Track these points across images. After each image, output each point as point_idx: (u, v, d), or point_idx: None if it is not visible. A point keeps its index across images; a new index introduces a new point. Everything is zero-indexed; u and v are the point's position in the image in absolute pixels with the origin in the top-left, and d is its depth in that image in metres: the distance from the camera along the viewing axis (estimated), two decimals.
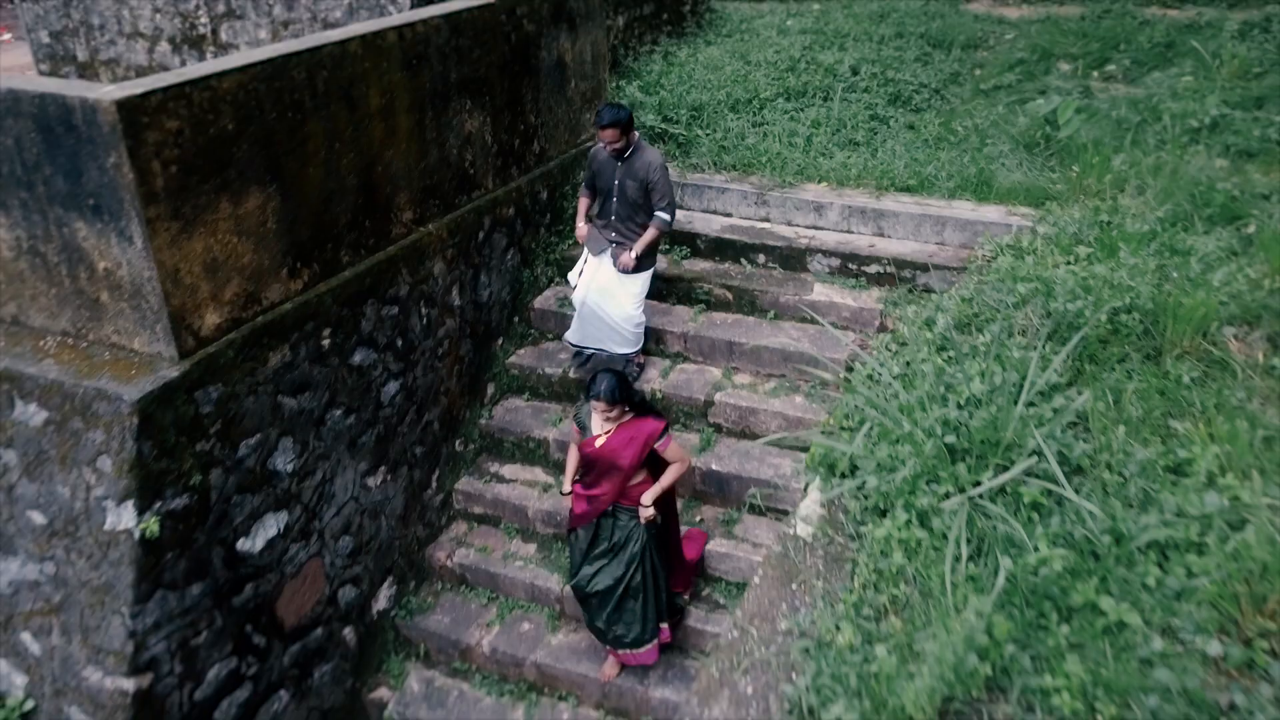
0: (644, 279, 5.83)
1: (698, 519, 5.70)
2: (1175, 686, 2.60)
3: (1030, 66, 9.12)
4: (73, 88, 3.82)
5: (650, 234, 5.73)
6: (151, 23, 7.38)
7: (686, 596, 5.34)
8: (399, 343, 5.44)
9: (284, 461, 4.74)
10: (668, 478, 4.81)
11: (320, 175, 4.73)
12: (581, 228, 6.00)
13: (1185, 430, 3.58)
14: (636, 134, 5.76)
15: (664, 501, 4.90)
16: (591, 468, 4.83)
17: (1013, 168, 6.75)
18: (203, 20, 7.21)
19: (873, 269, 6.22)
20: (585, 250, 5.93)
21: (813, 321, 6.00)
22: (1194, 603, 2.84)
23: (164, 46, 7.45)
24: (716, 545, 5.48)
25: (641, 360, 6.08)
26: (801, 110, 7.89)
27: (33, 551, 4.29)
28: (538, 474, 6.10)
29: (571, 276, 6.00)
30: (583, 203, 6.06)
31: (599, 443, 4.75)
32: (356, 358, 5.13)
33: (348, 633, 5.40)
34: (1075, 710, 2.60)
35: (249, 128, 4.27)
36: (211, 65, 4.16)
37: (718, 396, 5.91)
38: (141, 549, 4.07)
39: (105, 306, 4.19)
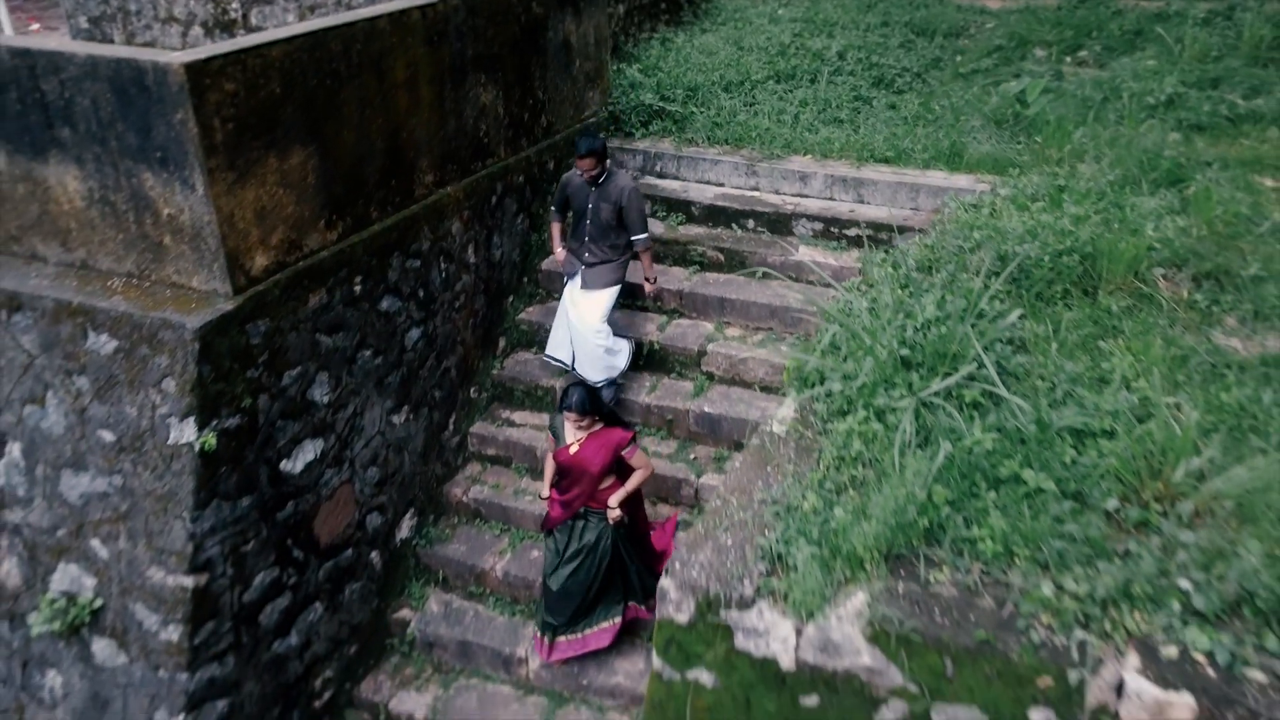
0: (610, 294, 6.19)
1: (692, 457, 6.26)
2: (1080, 536, 3.16)
3: (1008, 53, 9.66)
4: (145, 53, 4.37)
5: (646, 259, 6.24)
6: (185, 8, 7.93)
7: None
8: (421, 293, 6.00)
9: (321, 393, 5.30)
10: (633, 482, 5.30)
11: (353, 138, 5.29)
12: (559, 251, 6.43)
13: (1110, 349, 4.15)
14: (609, 161, 6.19)
15: (631, 502, 5.40)
16: (565, 474, 5.32)
17: (983, 141, 7.31)
18: (234, 5, 7.76)
19: (852, 232, 6.78)
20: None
21: (796, 279, 6.55)
22: (1101, 475, 3.40)
23: (197, 31, 8.01)
24: (709, 479, 6.03)
25: (618, 382, 6.41)
26: (790, 91, 8.45)
27: (102, 466, 4.85)
28: (544, 419, 6.65)
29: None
30: (555, 227, 6.50)
31: (572, 450, 5.24)
32: (384, 304, 5.69)
33: (374, 556, 5.96)
34: (996, 553, 3.16)
35: (293, 92, 4.82)
36: (262, 36, 4.72)
37: (710, 347, 6.47)
38: (200, 461, 4.63)
39: (167, 249, 4.74)
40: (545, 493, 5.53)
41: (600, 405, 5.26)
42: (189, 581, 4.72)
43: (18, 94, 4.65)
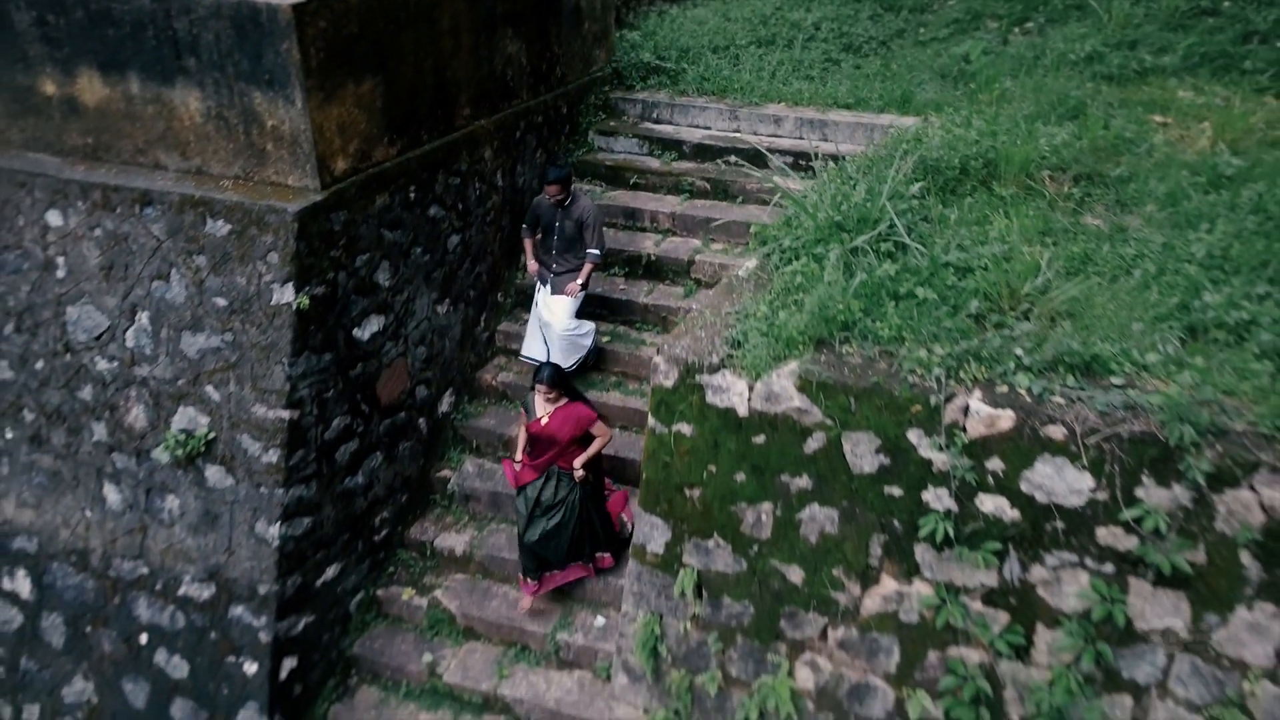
0: (576, 298, 7.22)
1: None
2: (951, 327, 4.47)
3: (964, 24, 10.95)
4: None
5: (587, 268, 7.14)
6: None
7: (628, 522, 6.69)
8: (459, 206, 7.30)
9: (383, 277, 6.61)
10: (594, 447, 6.22)
11: (410, 73, 6.59)
12: (532, 264, 7.41)
13: (995, 219, 5.45)
14: (574, 186, 7.26)
15: (594, 467, 6.34)
16: (536, 442, 6.23)
17: (930, 91, 8.63)
18: None
19: (817, 164, 8.06)
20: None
21: (769, 203, 7.84)
22: (973, 293, 4.71)
23: None
24: None
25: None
26: (769, 54, 9.77)
27: (216, 326, 6.16)
28: None
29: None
30: (528, 243, 7.43)
31: (543, 422, 6.16)
32: (431, 211, 7.00)
33: (421, 422, 7.27)
34: (891, 337, 4.47)
35: (366, 33, 6.12)
36: None
37: (697, 258, 7.78)
38: (296, 318, 5.94)
39: (269, 154, 6.05)
40: (518, 456, 6.42)
41: (566, 382, 6.23)
42: (286, 415, 6.03)
43: (153, 31, 5.95)
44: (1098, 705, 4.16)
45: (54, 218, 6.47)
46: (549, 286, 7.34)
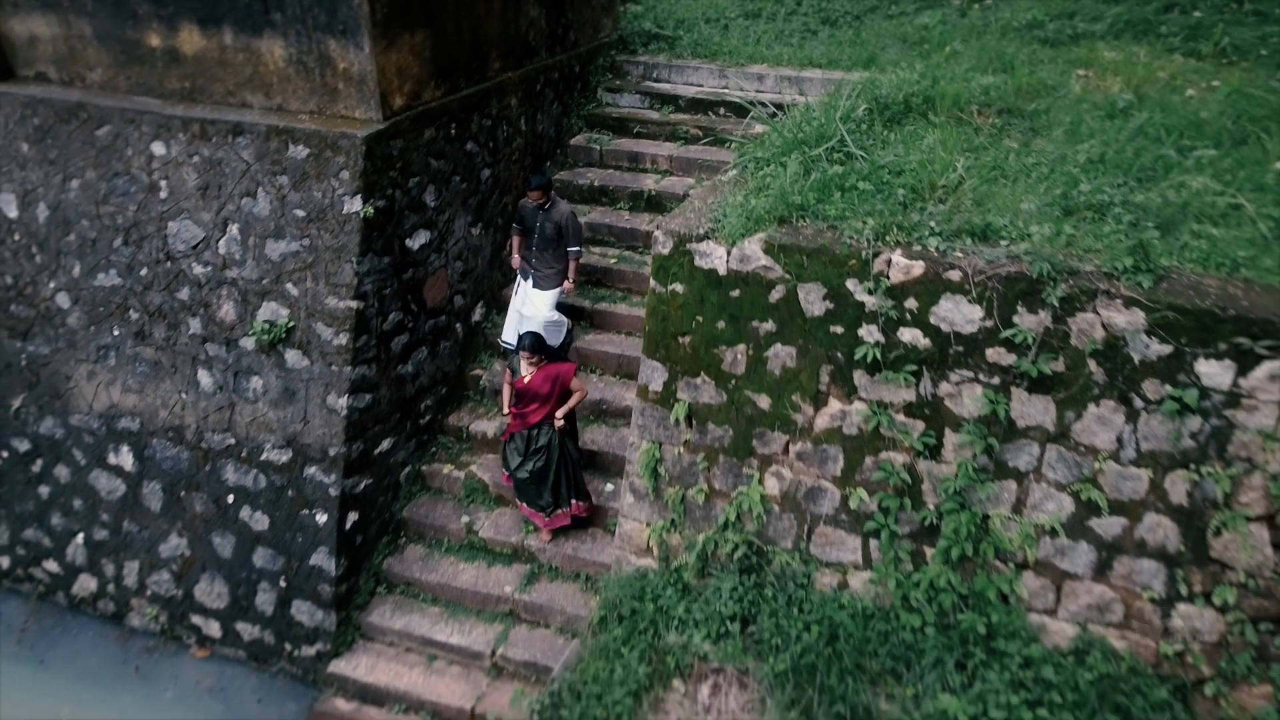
0: (556, 291, 8.19)
1: None
2: (883, 208, 5.81)
3: (930, 1, 12.33)
4: None
5: (572, 265, 8.14)
6: None
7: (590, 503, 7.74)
8: (490, 144, 8.66)
9: (430, 198, 7.96)
10: (572, 401, 7.24)
11: (452, 29, 7.94)
12: (516, 259, 8.33)
13: (928, 138, 6.80)
14: (553, 193, 8.23)
15: (569, 417, 7.33)
16: (520, 397, 7.27)
17: (893, 54, 9.97)
18: None
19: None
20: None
21: None
22: (902, 185, 6.05)
23: None
24: None
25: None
26: (755, 25, 11.14)
27: (295, 234, 7.50)
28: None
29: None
30: (515, 240, 8.33)
31: (526, 380, 7.20)
32: (468, 146, 8.35)
33: (458, 326, 8.62)
34: (837, 216, 5.81)
35: None
36: None
37: (691, 193, 9.12)
38: (363, 224, 7.29)
39: (340, 92, 7.40)
40: (505, 409, 7.55)
41: (545, 347, 7.30)
42: (354, 304, 7.39)
43: None
44: (990, 488, 5.51)
45: (158, 148, 7.83)
46: (529, 280, 8.35)
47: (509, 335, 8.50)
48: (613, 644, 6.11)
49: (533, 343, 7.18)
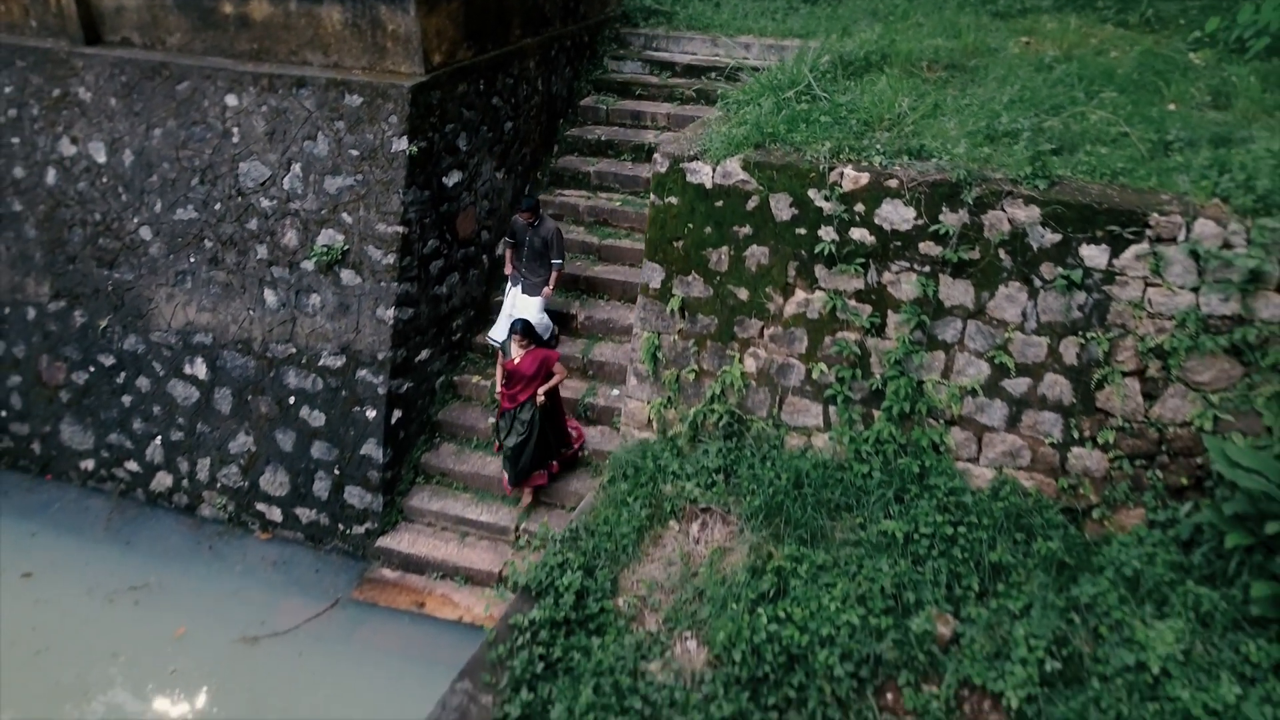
0: (542, 298, 9.21)
1: None
2: (839, 136, 7.16)
3: None
4: None
5: (554, 275, 9.16)
6: None
7: (577, 449, 9.02)
8: (512, 100, 10.02)
9: (462, 143, 9.32)
10: (553, 381, 8.31)
11: None
12: (509, 268, 9.38)
13: (881, 84, 8.15)
14: (541, 211, 9.34)
15: (552, 396, 8.41)
16: (510, 378, 8.33)
17: (864, 26, 11.33)
18: None
19: None
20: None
21: None
22: (856, 120, 7.39)
23: None
24: None
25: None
26: (744, 1, 12.48)
27: (349, 170, 8.86)
28: (584, 194, 10.65)
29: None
30: (508, 252, 9.41)
31: (515, 361, 8.32)
32: (494, 100, 9.71)
33: (484, 258, 9.98)
34: (803, 141, 7.15)
35: None
36: None
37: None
38: (408, 160, 8.65)
39: (388, 50, 8.75)
40: (497, 390, 8.79)
41: (534, 333, 8.36)
42: (400, 229, 8.74)
43: None
44: (923, 357, 6.87)
45: (231, 100, 9.18)
46: (519, 287, 9.41)
47: (497, 334, 9.53)
48: (619, 495, 7.45)
49: (524, 327, 8.23)
